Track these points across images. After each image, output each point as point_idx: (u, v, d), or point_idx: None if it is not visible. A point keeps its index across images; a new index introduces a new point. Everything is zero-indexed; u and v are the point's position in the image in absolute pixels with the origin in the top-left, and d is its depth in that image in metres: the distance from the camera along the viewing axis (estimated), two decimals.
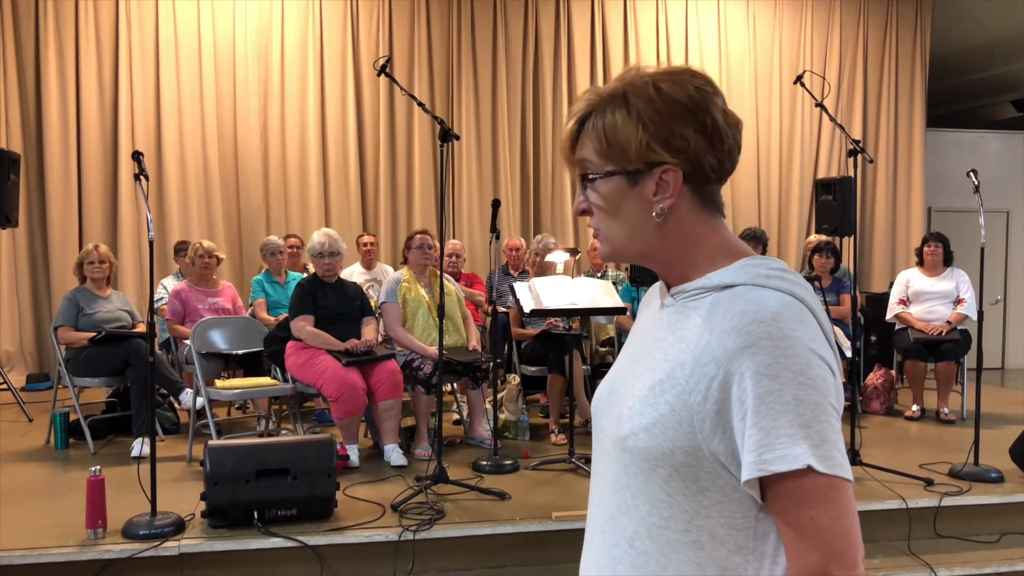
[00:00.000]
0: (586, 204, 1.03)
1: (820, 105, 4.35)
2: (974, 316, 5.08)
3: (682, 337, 0.95)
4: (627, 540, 0.98)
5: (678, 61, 6.66)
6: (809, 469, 0.85)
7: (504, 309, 5.59)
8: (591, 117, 0.99)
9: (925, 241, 6.03)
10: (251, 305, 5.81)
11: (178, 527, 3.24)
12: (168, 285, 5.98)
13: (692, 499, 0.93)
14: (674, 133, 0.95)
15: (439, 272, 4.25)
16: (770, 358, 0.86)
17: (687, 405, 0.91)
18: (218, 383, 4.61)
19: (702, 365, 0.90)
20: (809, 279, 5.49)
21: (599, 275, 6.26)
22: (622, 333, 5.71)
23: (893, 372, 6.21)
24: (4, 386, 6.02)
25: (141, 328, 5.00)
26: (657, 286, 1.10)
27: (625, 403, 0.99)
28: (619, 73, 1.01)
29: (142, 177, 3.35)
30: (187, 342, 4.83)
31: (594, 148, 0.99)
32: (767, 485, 0.88)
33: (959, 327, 5.76)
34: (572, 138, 1.02)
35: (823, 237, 6.04)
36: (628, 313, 5.11)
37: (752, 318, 0.88)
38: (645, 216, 0.99)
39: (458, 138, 4.09)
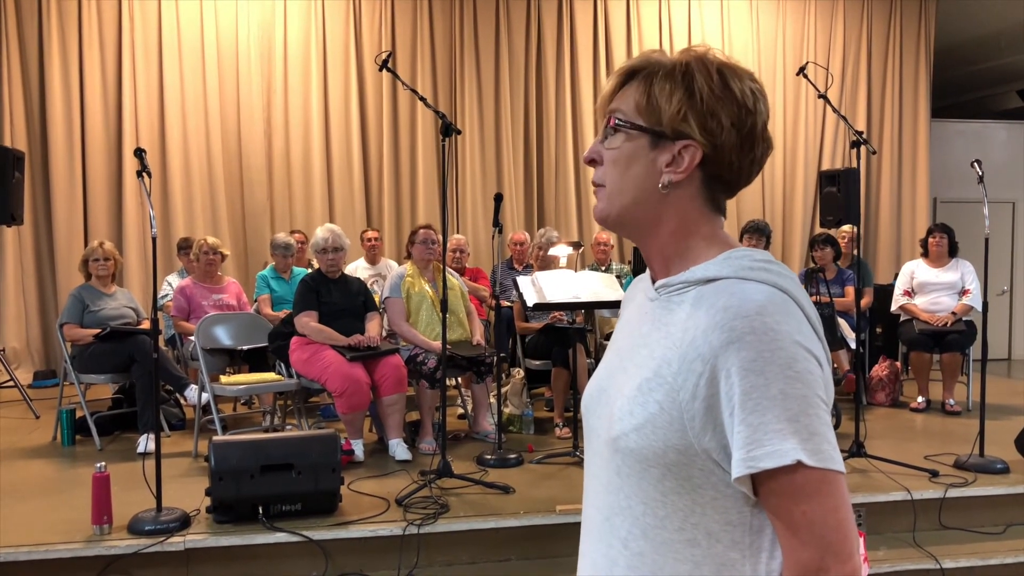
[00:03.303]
0: (597, 154, 1.02)
1: (823, 96, 4.32)
2: (979, 307, 5.06)
3: (668, 333, 0.94)
4: (622, 541, 0.97)
5: None
6: (799, 464, 0.84)
7: (508, 303, 5.59)
8: (641, 74, 0.99)
9: (930, 232, 6.01)
10: (256, 301, 5.82)
11: (183, 522, 3.25)
12: (172, 282, 5.99)
13: (686, 497, 0.92)
14: (714, 115, 0.95)
15: (442, 267, 4.25)
16: (755, 353, 0.85)
17: (676, 403, 0.90)
18: (223, 379, 4.62)
19: (688, 362, 0.90)
20: (813, 272, 5.48)
21: (603, 268, 6.26)
22: None
23: (898, 363, 6.19)
24: (11, 383, 6.05)
25: (146, 325, 5.02)
26: (640, 279, 1.09)
27: (615, 403, 0.98)
28: (688, 46, 1.00)
29: (144, 174, 3.36)
30: (192, 338, 4.85)
31: (634, 101, 0.98)
32: (758, 481, 0.88)
33: (964, 318, 5.74)
34: (614, 89, 1.02)
35: (851, 228, 5.99)
36: None
37: (736, 313, 0.87)
38: (651, 184, 0.98)
39: (460, 132, 4.08)
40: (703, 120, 0.95)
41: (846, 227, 6.06)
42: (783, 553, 0.89)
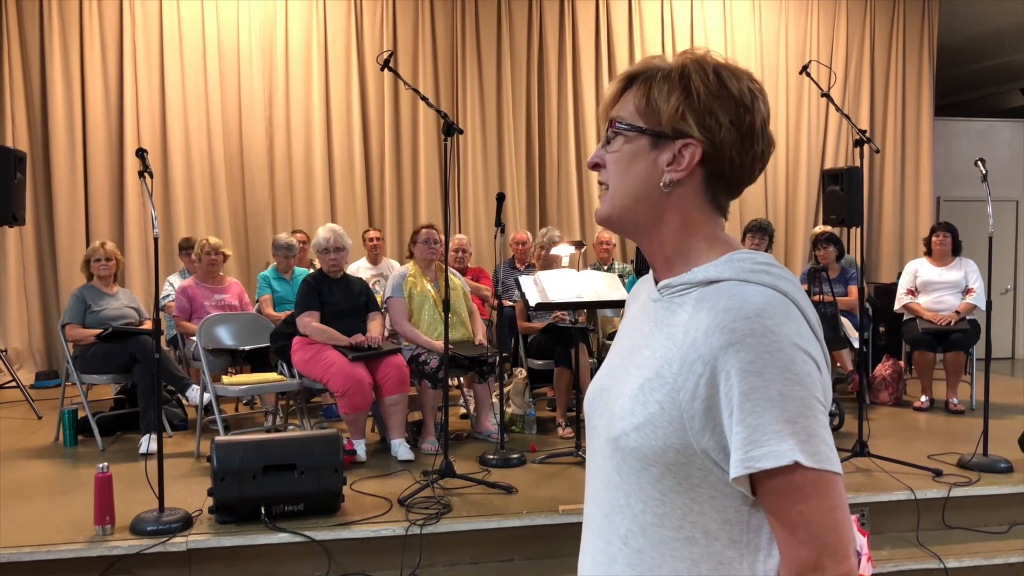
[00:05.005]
0: (600, 158, 1.04)
1: (826, 95, 4.31)
2: (983, 306, 5.04)
3: (669, 334, 0.95)
4: (621, 538, 0.98)
5: None
6: (796, 465, 0.85)
7: (510, 303, 5.58)
8: (641, 78, 1.01)
9: (933, 231, 6.00)
10: (257, 301, 5.82)
11: (186, 523, 3.25)
12: (174, 282, 5.99)
13: (685, 496, 0.93)
14: (712, 114, 0.96)
15: (444, 267, 4.25)
16: (754, 355, 0.86)
17: (676, 403, 0.91)
18: (225, 379, 4.62)
19: (689, 363, 0.90)
20: (816, 270, 5.47)
21: (605, 268, 6.25)
22: None
23: (902, 363, 6.19)
24: (13, 384, 6.06)
25: (148, 325, 5.02)
26: (645, 279, 1.11)
27: (616, 402, 0.99)
28: (685, 48, 1.02)
29: (146, 174, 3.36)
30: (194, 338, 4.85)
31: (633, 105, 1.00)
32: (756, 481, 0.89)
33: (968, 317, 5.72)
34: (616, 96, 1.03)
35: (828, 228, 6.02)
36: None
37: (736, 315, 0.88)
38: (653, 183, 0.99)
39: (461, 132, 4.08)
40: (701, 118, 0.96)
41: (816, 229, 6.11)
42: (780, 552, 0.90)
